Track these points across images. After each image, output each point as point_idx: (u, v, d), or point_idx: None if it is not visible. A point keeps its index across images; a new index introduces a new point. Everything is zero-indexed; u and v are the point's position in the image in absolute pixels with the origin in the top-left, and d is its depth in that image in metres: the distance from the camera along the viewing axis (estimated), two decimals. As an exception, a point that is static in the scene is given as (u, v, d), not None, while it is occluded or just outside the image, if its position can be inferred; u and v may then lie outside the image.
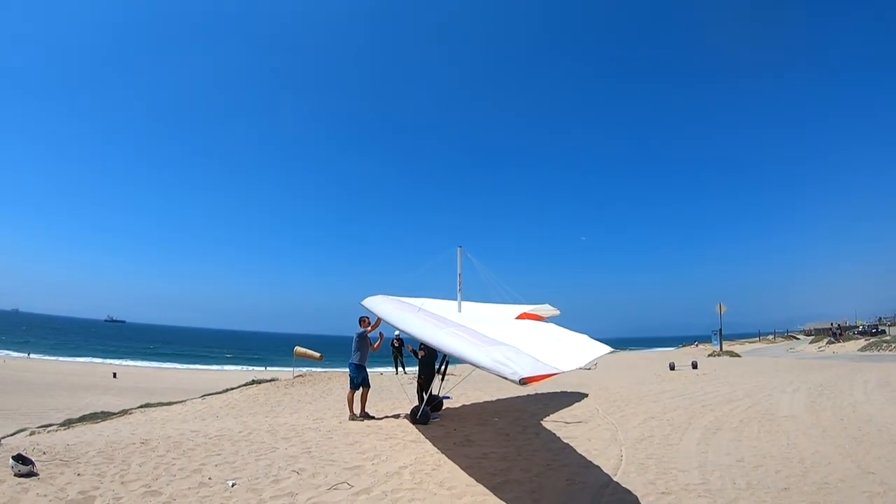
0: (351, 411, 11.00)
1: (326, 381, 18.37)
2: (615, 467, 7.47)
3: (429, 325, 9.06)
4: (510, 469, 7.41)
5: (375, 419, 10.91)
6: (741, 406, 12.36)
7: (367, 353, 11.07)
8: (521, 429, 10.19)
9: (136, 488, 5.98)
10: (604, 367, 27.31)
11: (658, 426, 10.27)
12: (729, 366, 25.76)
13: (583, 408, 12.47)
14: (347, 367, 11.16)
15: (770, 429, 9.94)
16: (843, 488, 6.40)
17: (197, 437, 8.78)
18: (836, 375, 18.24)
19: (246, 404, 14.15)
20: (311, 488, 6.31)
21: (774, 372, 20.81)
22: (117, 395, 25.25)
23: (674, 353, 42.70)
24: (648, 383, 17.87)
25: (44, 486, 5.75)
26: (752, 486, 6.52)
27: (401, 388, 12.22)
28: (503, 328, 9.87)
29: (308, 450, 8.16)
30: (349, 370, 11.05)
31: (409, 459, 7.78)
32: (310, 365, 23.31)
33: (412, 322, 9.33)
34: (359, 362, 10.94)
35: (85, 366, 47.55)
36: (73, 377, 34.18)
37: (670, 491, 6.40)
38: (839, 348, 39.92)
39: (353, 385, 11.00)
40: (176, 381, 35.86)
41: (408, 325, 9.40)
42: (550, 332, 11.15)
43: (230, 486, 6.21)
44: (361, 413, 11.02)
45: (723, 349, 39.51)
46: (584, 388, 16.46)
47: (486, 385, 16.98)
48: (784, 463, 7.60)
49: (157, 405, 15.13)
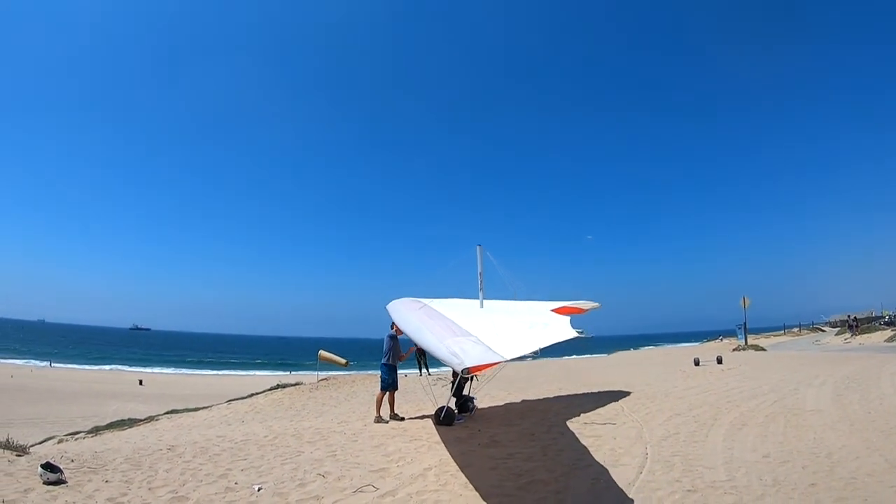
0: (378, 413, 11.08)
1: (351, 385, 18.50)
2: (640, 466, 7.41)
3: (414, 319, 9.44)
4: (535, 469, 7.39)
5: (403, 420, 11.02)
6: (767, 401, 12.20)
7: (398, 354, 11.19)
8: (546, 429, 10.16)
9: (164, 494, 6.07)
10: (628, 364, 27.22)
11: (683, 423, 10.18)
12: (754, 360, 25.42)
13: (608, 406, 12.39)
14: (379, 370, 11.31)
15: (796, 423, 9.79)
16: (871, 483, 6.29)
17: (223, 443, 8.90)
18: (863, 367, 17.93)
19: (271, 409, 14.30)
20: (336, 491, 6.35)
21: (800, 365, 20.48)
22: (143, 402, 25.68)
23: (698, 349, 42.32)
24: (673, 379, 17.70)
25: (72, 493, 5.85)
26: (778, 483, 6.43)
27: (424, 389, 12.24)
28: (482, 320, 10.37)
29: (333, 453, 8.23)
30: (380, 371, 11.19)
31: (433, 461, 7.80)
32: (335, 369, 23.46)
33: (405, 318, 9.60)
34: (390, 363, 11.07)
35: (111, 373, 48.38)
36: (99, 385, 34.81)
37: (696, 489, 6.34)
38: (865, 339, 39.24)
39: (383, 387, 11.09)
40: (201, 387, 36.33)
41: (401, 319, 9.92)
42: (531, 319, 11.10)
43: (256, 491, 6.28)
44: (391, 415, 11.13)
45: (747, 343, 39.02)
46: (610, 386, 16.38)
47: (509, 386, 16.98)
48: (811, 458, 7.48)
49: (184, 411, 15.37)
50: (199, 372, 58.31)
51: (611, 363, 29.55)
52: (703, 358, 24.66)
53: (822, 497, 5.87)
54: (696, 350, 37.33)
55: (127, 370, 53.36)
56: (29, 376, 37.33)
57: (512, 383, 17.90)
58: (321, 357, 21.33)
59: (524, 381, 18.89)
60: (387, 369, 11.06)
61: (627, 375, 20.09)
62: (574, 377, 20.14)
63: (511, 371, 21.57)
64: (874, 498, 5.77)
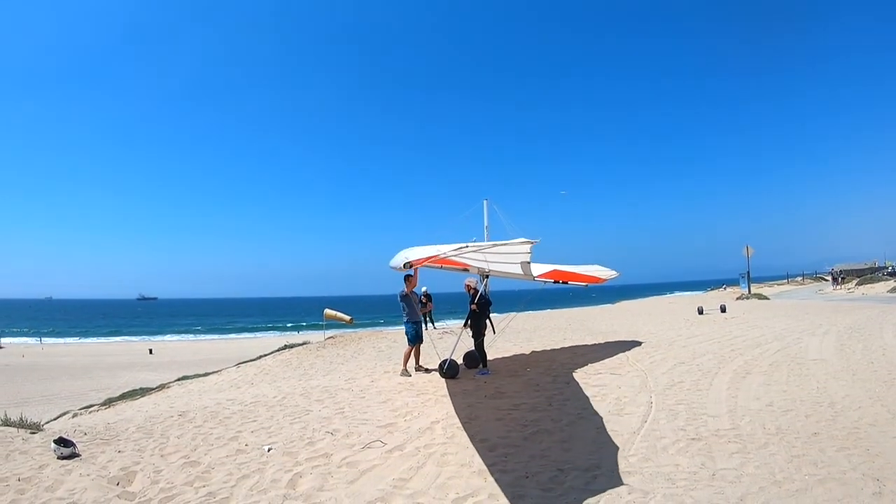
0: (404, 367, 11.39)
1: (357, 342, 18.65)
2: (645, 414, 7.49)
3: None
4: (541, 420, 7.47)
5: (428, 371, 11.35)
6: (770, 350, 12.26)
7: (415, 308, 11.42)
8: (552, 379, 10.25)
9: (176, 460, 6.16)
10: (632, 314, 27.30)
11: (688, 372, 10.25)
12: (758, 309, 25.52)
13: (612, 356, 12.47)
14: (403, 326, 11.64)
15: (800, 373, 9.83)
16: (873, 433, 6.32)
17: (233, 406, 9.02)
18: (866, 318, 17.98)
19: (279, 369, 14.44)
20: (345, 448, 6.44)
21: (803, 314, 20.55)
22: (154, 370, 26.05)
23: (702, 297, 42.42)
24: (677, 328, 17.79)
25: (86, 465, 5.93)
26: (781, 431, 6.49)
27: (430, 343, 12.34)
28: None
29: (341, 410, 8.33)
30: (405, 328, 11.50)
31: (440, 414, 7.89)
32: (341, 326, 23.58)
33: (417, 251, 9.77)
34: (409, 320, 11.33)
35: (121, 345, 48.99)
36: (110, 357, 35.28)
37: (700, 437, 6.41)
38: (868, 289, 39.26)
39: (409, 341, 11.43)
40: (211, 352, 36.78)
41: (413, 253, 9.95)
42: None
43: (266, 451, 6.37)
44: (416, 366, 11.52)
45: (751, 292, 39.16)
46: (614, 335, 16.50)
47: (515, 336, 17.13)
48: (814, 407, 7.53)
49: (194, 377, 15.53)
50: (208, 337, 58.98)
51: (615, 312, 29.64)
52: (706, 307, 24.76)
53: (825, 446, 5.91)
54: (700, 299, 37.38)
55: (136, 340, 53.98)
56: (40, 354, 37.81)
57: (518, 334, 18.05)
58: (327, 315, 21.39)
59: (530, 332, 19.02)
60: (408, 326, 11.36)
61: (632, 325, 20.18)
62: (579, 327, 20.24)
63: (517, 323, 21.75)
64: (876, 448, 5.79)
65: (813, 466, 5.35)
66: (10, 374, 26.82)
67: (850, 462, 5.43)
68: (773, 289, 53.40)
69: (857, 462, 5.42)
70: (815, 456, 5.63)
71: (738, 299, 34.34)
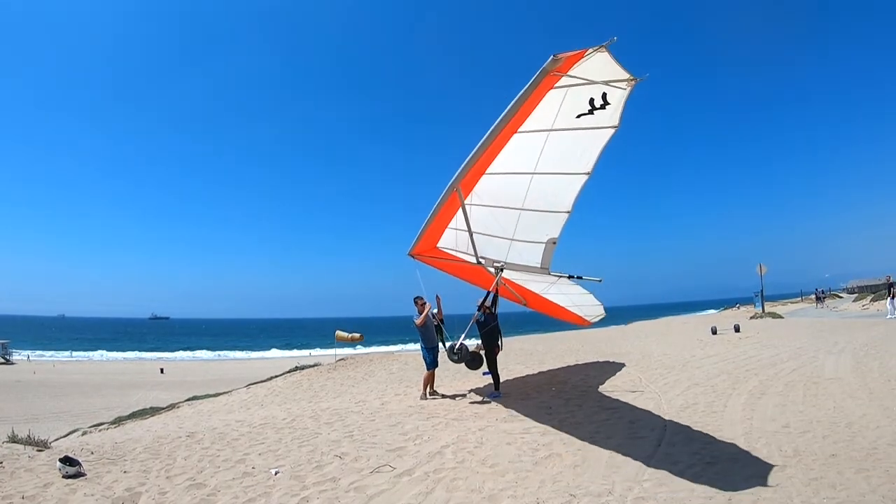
0: (423, 391, 11.47)
1: (368, 364, 18.53)
2: (659, 438, 7.37)
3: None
4: (553, 443, 7.36)
5: (443, 397, 11.29)
6: (785, 369, 12.07)
7: (431, 333, 11.44)
8: (564, 401, 10.14)
9: (181, 482, 6.11)
10: (645, 334, 27.00)
11: (702, 393, 10.10)
12: (772, 328, 25.21)
13: (625, 377, 12.34)
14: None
15: (816, 392, 9.67)
16: (892, 453, 6.18)
17: (241, 427, 8.96)
18: (882, 334, 17.73)
19: (290, 391, 14.38)
20: (353, 472, 6.36)
21: (818, 332, 20.27)
22: (165, 389, 26.05)
23: (716, 317, 41.96)
24: (691, 349, 17.58)
25: (91, 485, 5.90)
26: (799, 453, 6.35)
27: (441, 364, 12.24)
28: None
29: (350, 433, 8.24)
30: (422, 354, 11.59)
31: (451, 438, 7.79)
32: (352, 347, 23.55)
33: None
34: (426, 346, 11.42)
35: (132, 363, 49.16)
36: (121, 376, 35.41)
37: (716, 461, 6.28)
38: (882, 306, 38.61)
39: (427, 367, 11.49)
40: (222, 372, 36.80)
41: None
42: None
43: (273, 475, 6.30)
44: (430, 391, 11.55)
45: (765, 311, 38.75)
46: (626, 356, 16.30)
47: (527, 359, 16.97)
48: (831, 428, 7.38)
49: (204, 397, 15.50)
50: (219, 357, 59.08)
51: (628, 333, 29.33)
52: (720, 326, 24.47)
53: (844, 468, 5.77)
54: (714, 318, 36.98)
55: (148, 359, 54.16)
56: (52, 371, 37.98)
57: (530, 356, 17.88)
58: (338, 337, 21.37)
59: (542, 353, 18.83)
60: (424, 351, 11.45)
61: (645, 346, 19.95)
62: (591, 349, 20.02)
63: (528, 344, 21.64)
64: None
65: (831, 489, 5.23)
66: (21, 390, 26.88)
67: (870, 484, 5.30)
68: (787, 307, 52.75)
69: (876, 484, 5.29)
70: (834, 478, 5.50)
71: (752, 318, 33.95)
